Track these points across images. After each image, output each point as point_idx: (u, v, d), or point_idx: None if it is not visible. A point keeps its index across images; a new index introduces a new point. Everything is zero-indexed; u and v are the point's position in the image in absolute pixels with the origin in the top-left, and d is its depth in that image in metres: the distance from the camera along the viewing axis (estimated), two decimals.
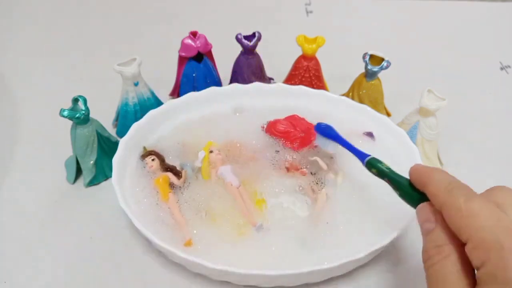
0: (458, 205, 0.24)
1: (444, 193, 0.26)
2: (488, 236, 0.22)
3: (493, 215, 0.23)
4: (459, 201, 0.25)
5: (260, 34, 0.50)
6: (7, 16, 0.73)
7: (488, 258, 0.22)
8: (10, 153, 0.49)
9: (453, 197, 0.25)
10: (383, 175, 0.33)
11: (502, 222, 0.23)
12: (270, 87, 0.49)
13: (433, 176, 0.28)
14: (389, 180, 0.32)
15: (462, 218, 0.24)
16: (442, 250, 0.25)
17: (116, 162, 0.40)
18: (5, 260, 0.39)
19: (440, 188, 0.26)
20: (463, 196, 0.25)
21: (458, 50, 0.67)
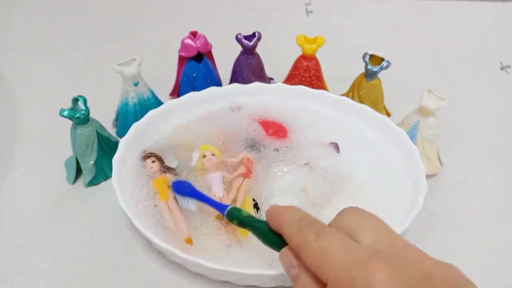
0: (310, 246, 0.24)
1: (296, 234, 0.26)
2: (342, 274, 0.22)
3: (343, 248, 0.23)
4: (310, 240, 0.24)
5: (260, 34, 0.50)
6: (7, 16, 0.73)
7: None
8: (10, 153, 0.49)
9: (304, 237, 0.25)
10: (244, 224, 0.32)
11: (351, 253, 0.23)
12: (270, 87, 0.49)
13: (286, 216, 0.27)
14: (250, 229, 0.31)
15: (316, 258, 0.24)
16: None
17: (116, 162, 0.40)
18: (5, 260, 0.39)
19: (292, 228, 0.26)
20: (313, 234, 0.25)
21: (458, 50, 0.67)
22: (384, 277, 0.21)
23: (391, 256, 0.23)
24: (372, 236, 0.24)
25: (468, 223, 0.43)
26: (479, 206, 0.44)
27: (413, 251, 0.24)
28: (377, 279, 0.21)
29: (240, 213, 0.32)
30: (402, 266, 0.22)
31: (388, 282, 0.21)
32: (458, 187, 0.46)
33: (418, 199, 0.37)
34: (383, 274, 0.21)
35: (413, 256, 0.24)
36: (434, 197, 0.44)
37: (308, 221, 0.26)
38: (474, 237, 0.41)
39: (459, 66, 0.64)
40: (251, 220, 0.31)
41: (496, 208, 0.44)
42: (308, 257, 0.24)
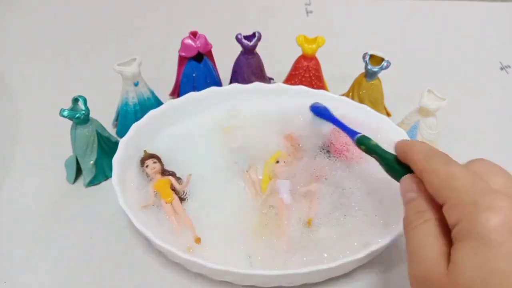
0: (437, 169, 0.26)
1: (424, 159, 0.27)
2: (463, 196, 0.23)
3: (469, 178, 0.24)
4: (437, 165, 0.26)
5: (260, 34, 0.50)
6: (7, 16, 0.73)
7: (462, 216, 0.23)
8: (10, 153, 0.49)
9: (432, 162, 0.26)
10: (371, 151, 0.34)
11: (477, 184, 0.24)
12: (270, 87, 0.49)
13: (415, 146, 0.29)
14: (376, 156, 0.33)
15: (440, 181, 0.25)
16: (422, 215, 0.26)
17: (116, 162, 0.40)
18: (5, 260, 0.39)
19: (420, 155, 0.27)
20: (442, 161, 0.26)
21: (458, 50, 0.67)
22: (507, 205, 0.22)
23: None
24: (499, 181, 0.25)
25: None
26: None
27: None
28: (499, 206, 0.22)
29: (368, 141, 0.35)
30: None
31: (507, 213, 0.22)
32: None
33: None
34: (506, 203, 0.22)
35: None
36: None
37: (437, 152, 0.28)
38: None
39: (459, 66, 0.64)
40: (378, 148, 0.34)
41: None
42: (431, 179, 0.26)
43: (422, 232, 0.25)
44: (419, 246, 0.25)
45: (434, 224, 0.25)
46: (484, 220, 0.22)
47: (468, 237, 0.22)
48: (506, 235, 0.21)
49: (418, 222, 0.25)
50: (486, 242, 0.21)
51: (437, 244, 0.24)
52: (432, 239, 0.24)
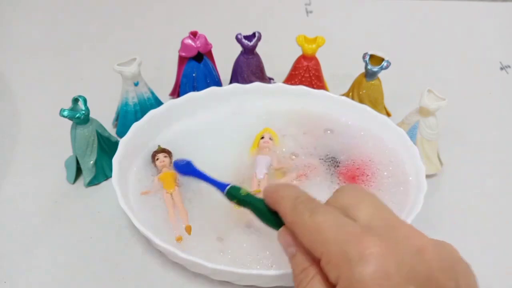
0: (304, 222, 0.24)
1: (291, 211, 0.26)
2: (335, 248, 0.22)
3: (337, 223, 0.23)
4: (304, 217, 0.24)
5: (260, 34, 0.50)
6: (7, 16, 0.73)
7: (340, 273, 0.22)
8: (10, 153, 0.49)
9: (298, 214, 0.25)
10: (243, 203, 0.31)
11: (345, 229, 0.23)
12: (270, 87, 0.49)
13: (282, 194, 0.27)
14: (249, 207, 0.31)
15: (310, 234, 0.24)
16: (307, 272, 0.24)
17: (116, 162, 0.40)
18: (5, 260, 0.39)
19: (287, 206, 0.26)
20: (308, 211, 0.25)
21: (458, 50, 0.67)
22: (377, 251, 0.21)
23: (385, 231, 0.23)
24: (367, 213, 0.24)
25: (468, 223, 0.43)
26: (479, 206, 0.44)
27: (407, 227, 0.24)
28: (370, 253, 0.21)
29: (238, 192, 0.32)
30: (395, 241, 0.22)
31: (380, 256, 0.21)
32: (458, 187, 0.46)
33: (418, 199, 0.37)
34: (376, 248, 0.21)
35: (407, 232, 0.24)
36: (434, 197, 0.44)
37: (303, 198, 0.26)
38: (474, 237, 0.41)
39: (459, 66, 0.64)
40: (250, 198, 0.31)
41: (496, 208, 0.44)
42: (301, 233, 0.25)
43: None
44: None
45: (319, 280, 0.24)
46: (358, 275, 0.21)
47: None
48: (383, 282, 0.21)
49: (306, 281, 0.24)
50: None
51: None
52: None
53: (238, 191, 0.32)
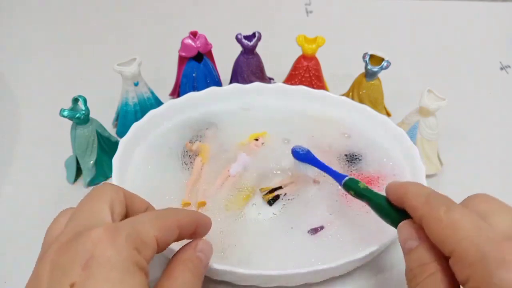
0: (439, 216, 0.24)
1: (423, 205, 0.25)
2: (471, 248, 0.22)
3: (475, 225, 0.23)
4: (439, 212, 0.24)
5: (260, 34, 0.50)
6: (7, 16, 0.73)
7: (472, 273, 0.21)
8: (10, 153, 0.49)
9: (433, 208, 0.24)
10: (361, 195, 0.32)
11: (484, 232, 0.22)
12: (270, 87, 0.49)
13: (410, 189, 0.27)
14: (367, 201, 0.31)
15: (444, 229, 0.23)
16: (427, 268, 0.24)
17: (116, 162, 0.40)
18: (5, 260, 0.39)
19: (418, 200, 0.26)
20: (443, 206, 0.24)
21: (458, 50, 0.67)
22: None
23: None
24: (504, 221, 0.23)
25: None
26: None
27: None
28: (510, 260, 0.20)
29: (357, 185, 0.32)
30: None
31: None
32: (458, 187, 0.46)
33: None
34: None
35: None
36: None
37: (437, 194, 0.26)
38: None
39: (459, 66, 0.64)
40: (369, 192, 0.31)
41: None
42: (433, 228, 0.24)
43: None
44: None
45: (440, 278, 0.23)
46: (498, 279, 0.20)
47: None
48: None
49: (422, 276, 0.24)
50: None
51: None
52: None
53: (357, 184, 0.32)
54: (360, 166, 0.43)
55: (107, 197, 0.26)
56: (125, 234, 0.23)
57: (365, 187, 0.32)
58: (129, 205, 0.28)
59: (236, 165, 0.42)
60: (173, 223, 0.27)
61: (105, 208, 0.26)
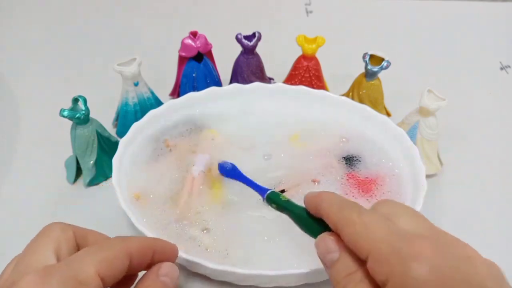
0: (352, 220, 0.24)
1: (337, 211, 0.26)
2: (385, 247, 0.22)
3: (385, 226, 0.23)
4: (352, 216, 0.25)
5: (260, 34, 0.50)
6: (7, 16, 0.73)
7: (390, 271, 0.22)
8: (10, 153, 0.49)
9: (346, 213, 0.25)
10: (282, 208, 0.32)
11: (394, 231, 0.23)
12: (270, 87, 0.49)
13: (324, 197, 0.28)
14: (288, 213, 0.31)
15: (358, 233, 0.24)
16: (354, 277, 0.24)
17: (116, 162, 0.40)
18: (5, 260, 0.39)
19: (332, 208, 0.26)
20: (355, 211, 0.25)
21: (458, 50, 0.67)
22: (429, 252, 0.21)
23: (433, 238, 0.23)
24: (409, 222, 0.24)
25: (468, 223, 0.43)
26: (479, 206, 0.44)
27: (450, 236, 0.24)
28: (424, 253, 0.21)
29: (278, 198, 0.33)
30: (445, 247, 0.22)
31: (433, 258, 0.21)
32: (458, 187, 0.46)
33: (418, 199, 0.37)
34: (428, 250, 0.21)
35: (453, 240, 0.24)
36: (434, 197, 0.44)
37: (349, 201, 0.27)
38: (474, 237, 0.41)
39: (459, 66, 0.64)
40: (289, 205, 0.31)
41: (496, 208, 0.44)
42: (348, 232, 0.24)
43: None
44: None
45: (367, 284, 0.23)
46: (415, 273, 0.21)
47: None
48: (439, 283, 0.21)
49: (351, 285, 0.24)
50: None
51: None
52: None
53: (278, 197, 0.33)
54: (359, 167, 0.43)
55: (52, 237, 0.26)
56: (57, 278, 0.23)
57: (286, 200, 0.32)
58: (81, 242, 0.28)
59: (196, 167, 0.42)
60: (119, 253, 0.25)
61: (48, 250, 0.25)
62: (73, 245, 0.27)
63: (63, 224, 0.28)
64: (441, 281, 0.21)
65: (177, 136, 0.45)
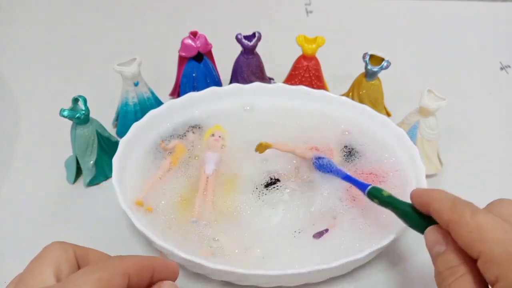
0: (465, 220, 0.25)
1: (449, 210, 0.26)
2: (498, 249, 0.23)
3: (501, 227, 0.24)
4: (465, 216, 0.25)
5: (260, 34, 0.50)
6: (7, 16, 0.73)
7: (501, 273, 0.22)
8: (10, 153, 0.49)
9: (458, 212, 0.25)
10: (385, 203, 0.33)
11: (510, 234, 0.23)
12: (270, 87, 0.49)
13: (435, 195, 0.28)
14: (392, 208, 0.32)
15: (471, 233, 0.24)
16: (456, 270, 0.25)
17: (116, 162, 0.40)
18: (5, 260, 0.39)
19: (444, 206, 0.27)
20: (469, 211, 0.25)
21: (458, 50, 0.67)
22: None
23: None
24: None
25: None
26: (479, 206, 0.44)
27: None
28: None
29: (381, 193, 0.33)
30: None
31: None
32: (458, 187, 0.45)
33: None
34: None
35: None
36: None
37: (462, 200, 0.27)
38: None
39: (459, 66, 0.64)
40: (393, 200, 0.32)
41: None
42: (460, 232, 0.25)
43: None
44: None
45: (469, 279, 0.24)
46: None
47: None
48: None
49: (452, 278, 0.24)
50: None
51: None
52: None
53: (380, 192, 0.33)
54: (361, 162, 0.43)
55: (52, 258, 0.26)
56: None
57: (389, 195, 0.33)
58: (81, 261, 0.27)
59: (208, 164, 0.42)
60: (117, 272, 0.25)
61: (47, 270, 0.25)
62: (74, 265, 0.27)
63: (64, 243, 0.27)
64: None
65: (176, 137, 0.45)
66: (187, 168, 0.42)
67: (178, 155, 0.43)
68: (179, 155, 0.43)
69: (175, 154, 0.43)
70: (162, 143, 0.44)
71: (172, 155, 0.43)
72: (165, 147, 0.44)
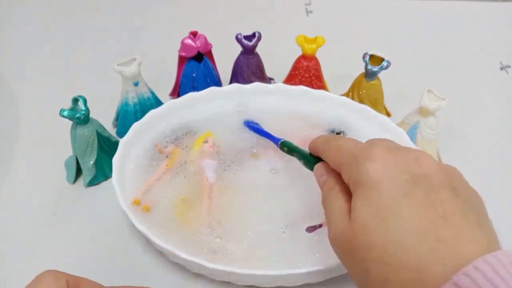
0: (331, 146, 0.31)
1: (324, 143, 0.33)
2: (348, 156, 0.28)
3: (352, 143, 0.30)
4: (331, 143, 0.31)
5: (260, 34, 0.50)
6: (7, 16, 0.73)
7: (351, 172, 0.27)
8: (10, 153, 0.49)
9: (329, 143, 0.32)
10: (292, 151, 0.39)
11: (358, 145, 0.29)
12: (270, 87, 0.49)
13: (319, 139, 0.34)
14: (296, 154, 0.38)
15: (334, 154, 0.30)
16: (333, 190, 0.29)
17: (116, 162, 0.40)
18: (5, 260, 0.39)
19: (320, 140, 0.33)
20: (335, 140, 0.31)
21: (458, 50, 0.67)
22: (380, 153, 0.26)
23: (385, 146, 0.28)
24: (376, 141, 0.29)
25: None
26: None
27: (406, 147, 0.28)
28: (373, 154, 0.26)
29: (290, 143, 0.40)
30: (397, 151, 0.27)
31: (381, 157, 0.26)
32: None
33: None
34: (379, 152, 0.26)
35: (411, 149, 0.28)
36: None
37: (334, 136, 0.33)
38: None
39: (459, 66, 0.64)
40: (297, 148, 0.38)
41: (496, 208, 0.44)
42: (329, 155, 0.31)
43: (332, 202, 0.28)
44: (331, 212, 0.28)
45: (340, 191, 0.28)
46: (365, 168, 0.26)
47: (357, 186, 0.26)
48: (383, 174, 0.25)
49: (330, 196, 0.29)
50: (369, 185, 0.25)
51: (343, 206, 0.27)
52: (339, 202, 0.28)
53: (290, 143, 0.40)
54: None
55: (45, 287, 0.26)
56: None
57: (295, 145, 0.39)
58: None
59: (210, 172, 0.42)
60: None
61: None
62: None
63: (57, 272, 0.28)
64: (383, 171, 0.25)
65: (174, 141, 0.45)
66: (184, 171, 0.42)
67: (175, 158, 0.43)
68: (176, 158, 0.43)
69: (172, 157, 0.43)
70: (157, 146, 0.44)
71: (169, 158, 0.43)
72: (161, 150, 0.43)
